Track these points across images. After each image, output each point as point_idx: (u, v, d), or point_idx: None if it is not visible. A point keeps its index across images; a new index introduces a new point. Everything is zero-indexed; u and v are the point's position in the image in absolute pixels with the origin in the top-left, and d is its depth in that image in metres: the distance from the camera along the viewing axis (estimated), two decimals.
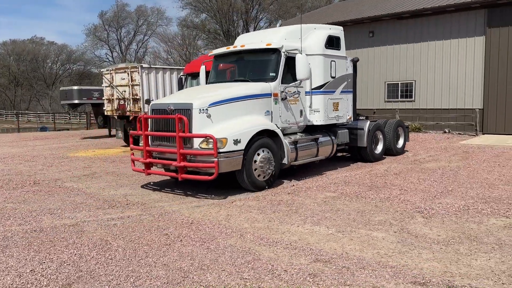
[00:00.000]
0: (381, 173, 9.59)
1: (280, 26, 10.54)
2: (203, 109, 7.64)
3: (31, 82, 67.18)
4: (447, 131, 17.83)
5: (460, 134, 17.30)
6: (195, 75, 14.13)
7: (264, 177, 8.13)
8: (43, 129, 32.51)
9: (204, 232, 5.67)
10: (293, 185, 8.51)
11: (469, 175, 9.07)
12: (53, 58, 70.84)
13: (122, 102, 16.04)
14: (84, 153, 15.12)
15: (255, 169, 7.94)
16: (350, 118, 10.81)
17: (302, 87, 9.25)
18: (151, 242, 5.33)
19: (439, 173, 9.32)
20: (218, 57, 9.84)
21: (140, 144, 8.45)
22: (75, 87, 24.57)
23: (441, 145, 14.09)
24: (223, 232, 5.63)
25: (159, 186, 8.80)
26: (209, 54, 10.19)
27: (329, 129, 10.18)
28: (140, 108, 15.29)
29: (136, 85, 15.46)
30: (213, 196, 7.80)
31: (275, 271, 4.35)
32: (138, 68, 15.43)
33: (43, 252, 5.06)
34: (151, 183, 9.10)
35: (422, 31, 18.20)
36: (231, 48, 9.50)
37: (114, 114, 16.63)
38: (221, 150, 7.32)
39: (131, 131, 9.45)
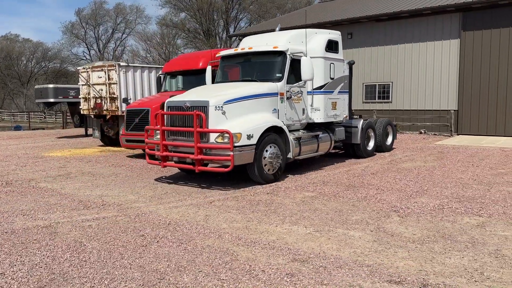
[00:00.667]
0: (358, 172, 9.69)
1: (279, 29, 11.06)
2: (218, 107, 8.24)
3: (5, 80, 65.30)
4: (423, 131, 18.18)
5: (435, 134, 17.66)
6: (174, 74, 14.02)
7: (272, 171, 8.75)
8: (17, 128, 31.65)
9: (181, 233, 5.60)
10: (271, 185, 8.52)
11: (444, 174, 9.25)
12: (28, 56, 69.07)
13: (99, 100, 15.77)
14: (59, 152, 14.78)
15: (265, 164, 8.57)
16: (346, 116, 11.58)
17: (304, 87, 9.88)
18: (126, 243, 5.24)
19: (415, 173, 9.48)
20: (225, 58, 10.37)
21: (155, 138, 9.07)
22: (51, 85, 24.03)
23: (417, 146, 14.35)
24: (201, 233, 5.58)
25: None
26: (217, 55, 10.66)
27: (327, 127, 10.83)
28: (117, 107, 15.05)
29: (114, 83, 15.21)
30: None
31: (252, 271, 4.33)
32: (115, 66, 15.19)
33: (14, 255, 4.90)
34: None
35: (399, 34, 18.51)
36: (239, 50, 10.03)
37: (91, 113, 16.34)
38: (236, 144, 7.90)
39: (146, 126, 9.80)
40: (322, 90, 10.34)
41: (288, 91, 9.31)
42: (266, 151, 8.54)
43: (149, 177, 9.72)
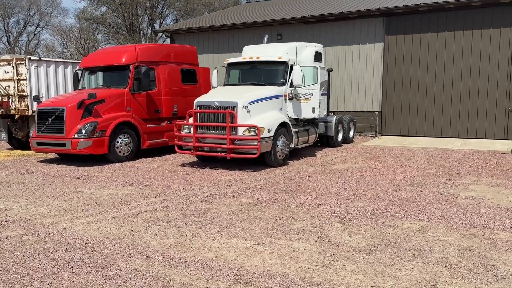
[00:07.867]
0: (294, 175, 9.41)
1: (266, 39, 13.27)
2: (244, 106, 10.04)
3: None
4: None
5: (361, 135, 18.12)
6: (93, 70, 12.80)
7: (282, 157, 10.66)
8: None
9: (101, 254, 4.80)
10: (206, 192, 7.91)
11: (376, 176, 9.27)
12: None
13: (5, 98, 13.97)
14: None
15: (278, 151, 10.48)
16: (326, 114, 14.05)
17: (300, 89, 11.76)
18: (33, 270, 4.34)
19: (348, 175, 9.40)
20: (232, 64, 12.04)
21: (183, 132, 10.62)
22: None
23: (345, 146, 14.52)
24: (126, 253, 4.82)
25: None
26: (225, 61, 12.22)
27: (312, 122, 12.80)
28: (28, 105, 13.43)
29: (23, 79, 13.56)
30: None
31: None
32: (25, 60, 13.55)
33: None
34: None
35: (327, 36, 18.74)
36: (247, 59, 11.77)
37: None
38: (261, 136, 9.68)
39: (176, 122, 11.08)
40: None
41: (289, 93, 11.20)
42: (279, 141, 10.46)
43: (64, 185, 8.61)
